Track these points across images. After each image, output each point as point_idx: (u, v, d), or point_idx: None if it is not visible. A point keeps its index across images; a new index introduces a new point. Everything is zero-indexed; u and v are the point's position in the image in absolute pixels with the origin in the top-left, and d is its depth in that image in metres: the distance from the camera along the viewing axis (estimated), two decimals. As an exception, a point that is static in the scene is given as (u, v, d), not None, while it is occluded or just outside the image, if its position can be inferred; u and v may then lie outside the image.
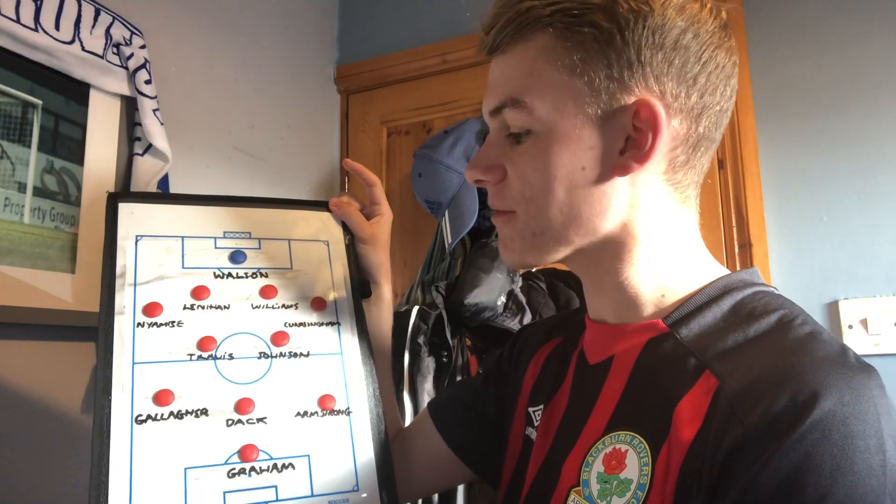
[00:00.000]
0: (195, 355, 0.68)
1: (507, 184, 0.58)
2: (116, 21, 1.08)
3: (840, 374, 0.44)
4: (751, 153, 1.37)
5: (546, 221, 0.56)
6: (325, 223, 0.83)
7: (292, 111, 1.64)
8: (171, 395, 0.65)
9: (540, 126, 0.54)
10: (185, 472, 0.62)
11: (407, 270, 1.69)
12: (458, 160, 1.35)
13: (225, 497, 0.62)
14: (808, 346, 0.48)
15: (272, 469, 0.65)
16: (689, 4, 0.53)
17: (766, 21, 1.42)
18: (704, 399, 0.48)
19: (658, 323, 0.57)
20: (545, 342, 0.74)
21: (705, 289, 0.57)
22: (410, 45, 1.75)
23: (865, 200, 1.29)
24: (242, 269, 0.75)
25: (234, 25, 1.46)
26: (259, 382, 0.69)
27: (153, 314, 0.68)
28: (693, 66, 0.54)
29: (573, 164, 0.54)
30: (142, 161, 1.11)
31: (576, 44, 0.52)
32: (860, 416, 0.42)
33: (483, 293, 1.23)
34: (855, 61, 1.33)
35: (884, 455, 0.42)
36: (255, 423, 0.66)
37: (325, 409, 0.70)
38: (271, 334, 0.72)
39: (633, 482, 0.51)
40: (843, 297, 1.29)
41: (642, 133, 0.53)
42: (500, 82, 0.57)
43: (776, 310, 0.53)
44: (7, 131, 0.95)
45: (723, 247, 1.36)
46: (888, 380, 0.47)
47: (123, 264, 0.70)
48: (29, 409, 0.97)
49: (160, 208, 0.76)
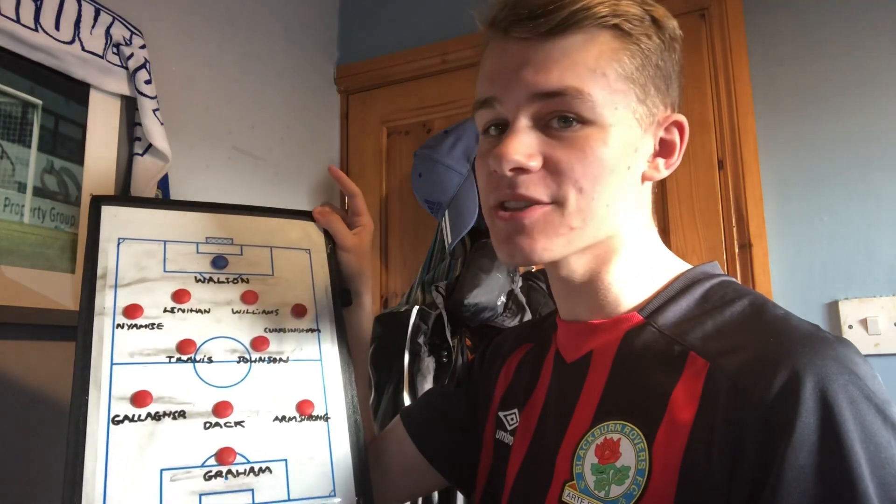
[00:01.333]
0: (174, 357, 0.68)
1: (553, 172, 0.55)
2: (116, 21, 1.08)
3: (828, 348, 0.48)
4: (751, 153, 1.37)
5: (590, 213, 0.56)
6: (308, 231, 0.83)
7: (292, 111, 1.64)
8: (149, 396, 0.64)
9: (599, 120, 0.55)
10: (161, 474, 0.62)
11: (407, 270, 1.69)
12: (458, 160, 1.35)
13: (201, 499, 0.62)
14: (788, 323, 0.52)
15: (249, 472, 0.65)
16: (680, 39, 0.62)
17: (766, 21, 1.42)
18: (696, 381, 0.51)
19: (633, 315, 0.59)
20: (515, 349, 0.76)
21: (674, 282, 0.60)
22: (410, 45, 1.75)
23: (865, 200, 1.29)
24: (224, 275, 0.75)
25: (234, 26, 1.46)
26: (238, 386, 0.69)
27: (133, 316, 0.68)
28: (682, 87, 0.62)
29: (624, 163, 0.57)
30: (142, 161, 1.11)
31: (637, 51, 0.56)
32: (857, 385, 0.46)
33: (483, 293, 1.23)
34: (855, 61, 1.33)
35: (884, 414, 0.46)
36: (233, 427, 0.66)
37: (304, 415, 0.70)
38: (251, 339, 0.72)
39: (630, 469, 0.52)
40: (843, 297, 1.28)
41: (671, 142, 0.60)
42: (556, 67, 0.55)
43: (745, 295, 0.56)
44: (7, 131, 0.95)
45: (723, 247, 1.36)
46: (888, 380, 0.48)
47: (105, 266, 0.70)
48: (28, 409, 0.97)
49: (143, 212, 0.76)
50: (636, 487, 0.51)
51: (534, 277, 1.32)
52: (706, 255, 1.37)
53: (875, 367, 0.48)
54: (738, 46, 1.41)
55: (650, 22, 0.57)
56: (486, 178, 0.59)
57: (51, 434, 0.98)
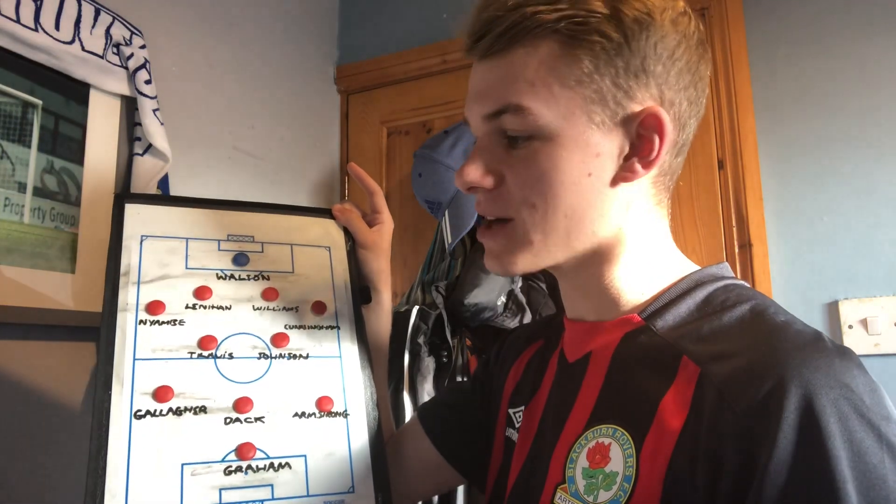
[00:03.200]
0: (196, 353, 0.69)
1: (504, 190, 0.57)
2: (116, 21, 1.08)
3: (822, 358, 0.45)
4: (751, 153, 1.37)
5: (549, 227, 0.56)
6: (328, 229, 0.84)
7: (292, 111, 1.64)
8: (170, 391, 0.65)
9: (544, 132, 0.54)
10: (182, 468, 0.62)
11: (407, 270, 1.69)
12: (458, 160, 1.35)
13: (221, 494, 0.63)
14: (786, 332, 0.49)
15: (269, 468, 0.65)
16: (679, 18, 0.56)
17: (766, 21, 1.42)
18: (688, 387, 0.49)
19: (633, 317, 0.58)
20: (528, 346, 0.76)
21: (678, 283, 0.59)
22: (410, 45, 1.75)
23: (865, 200, 1.29)
24: (245, 272, 0.76)
25: (234, 25, 1.46)
26: (258, 382, 0.70)
27: (156, 312, 0.69)
28: (685, 76, 0.56)
29: (580, 171, 0.54)
30: (142, 161, 1.11)
31: (584, 52, 0.53)
32: (849, 396, 0.43)
33: (483, 293, 1.23)
34: (855, 61, 1.33)
35: (878, 431, 0.43)
36: (253, 422, 0.67)
37: (323, 411, 0.71)
38: (271, 335, 0.73)
39: (618, 475, 0.51)
40: (843, 297, 1.28)
41: (646, 140, 0.55)
42: (497, 87, 0.55)
43: (748, 300, 0.54)
44: (7, 131, 0.95)
45: (723, 247, 1.36)
46: (888, 380, 0.48)
47: (128, 263, 0.71)
48: (29, 409, 0.97)
49: (165, 210, 0.77)
50: (622, 494, 0.50)
51: (534, 277, 1.32)
52: (706, 255, 1.37)
53: (875, 367, 0.48)
54: (738, 46, 1.41)
55: (605, 18, 0.52)
56: None
57: (51, 433, 0.98)
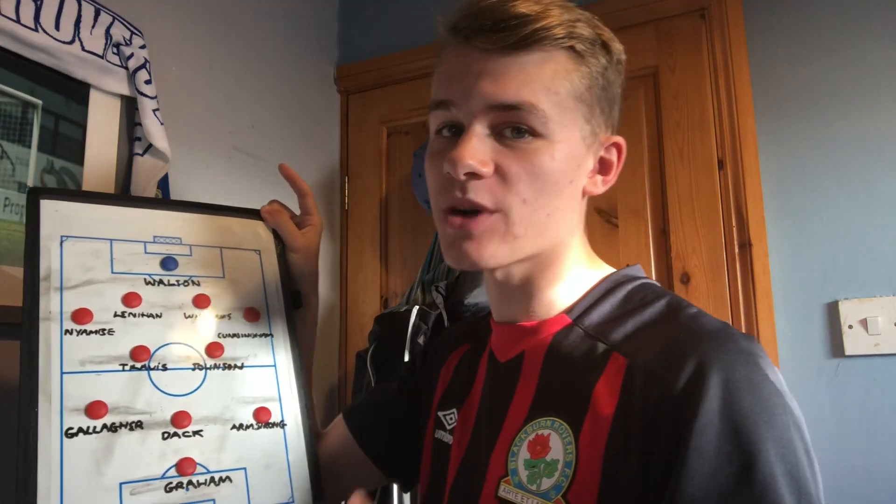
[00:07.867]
0: (128, 365, 0.65)
1: (499, 180, 0.58)
2: (116, 21, 1.08)
3: (732, 341, 0.52)
4: (751, 153, 1.37)
5: (532, 223, 0.59)
6: (257, 231, 0.82)
7: (292, 111, 1.64)
8: (104, 406, 0.62)
9: (548, 134, 0.58)
10: (121, 487, 0.60)
11: (407, 270, 1.69)
12: (458, 160, 1.35)
13: None
14: (699, 321, 0.56)
15: (210, 482, 0.64)
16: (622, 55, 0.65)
17: (766, 21, 1.42)
18: (617, 376, 0.54)
19: (562, 317, 0.63)
20: (455, 349, 0.78)
21: (599, 284, 0.64)
22: (410, 45, 1.75)
23: (865, 200, 1.29)
24: (174, 276, 0.73)
25: (234, 25, 1.46)
26: (194, 394, 0.68)
27: (82, 321, 0.64)
28: (621, 110, 0.66)
29: (567, 177, 0.60)
30: (142, 161, 1.11)
31: (587, 72, 0.59)
32: (759, 374, 0.50)
33: (483, 293, 1.23)
34: (855, 61, 1.33)
35: (782, 397, 0.50)
36: (191, 436, 0.65)
37: (261, 422, 0.70)
38: (205, 345, 0.71)
39: (559, 462, 0.55)
40: (843, 297, 1.28)
41: (608, 161, 0.64)
42: (518, 81, 0.57)
43: (662, 297, 0.61)
44: (7, 131, 0.95)
45: (723, 247, 1.36)
46: (888, 379, 0.48)
47: (48, 266, 0.66)
48: (29, 409, 0.97)
49: (86, 208, 0.72)
50: (564, 479, 0.54)
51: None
52: (706, 255, 1.37)
53: (875, 367, 0.49)
54: (738, 46, 1.41)
55: (600, 45, 0.60)
56: (437, 179, 0.61)
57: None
